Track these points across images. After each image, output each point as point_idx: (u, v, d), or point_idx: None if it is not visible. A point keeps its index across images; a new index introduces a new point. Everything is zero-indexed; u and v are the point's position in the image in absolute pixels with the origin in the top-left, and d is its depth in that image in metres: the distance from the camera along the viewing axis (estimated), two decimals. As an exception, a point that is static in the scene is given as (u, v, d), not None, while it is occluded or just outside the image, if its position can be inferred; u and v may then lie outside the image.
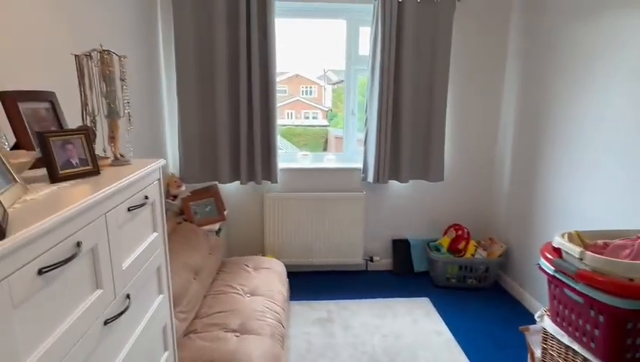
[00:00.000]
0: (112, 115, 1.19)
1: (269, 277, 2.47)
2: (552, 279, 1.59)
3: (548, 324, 1.70)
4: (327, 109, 5.51)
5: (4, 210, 0.69)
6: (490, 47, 3.05)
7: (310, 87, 5.87)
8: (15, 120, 1.11)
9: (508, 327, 2.55)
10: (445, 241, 3.16)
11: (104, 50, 1.15)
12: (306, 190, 3.17)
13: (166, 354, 1.42)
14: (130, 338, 1.11)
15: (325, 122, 5.44)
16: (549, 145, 2.57)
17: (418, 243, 3.29)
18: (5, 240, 0.61)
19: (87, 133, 1.07)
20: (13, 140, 1.15)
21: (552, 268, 1.56)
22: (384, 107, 2.90)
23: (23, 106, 1.15)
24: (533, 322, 1.95)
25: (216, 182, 3.01)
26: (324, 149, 4.72)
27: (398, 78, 2.91)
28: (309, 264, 3.25)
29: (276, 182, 3.02)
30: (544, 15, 2.61)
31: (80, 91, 1.16)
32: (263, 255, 3.14)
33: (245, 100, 2.82)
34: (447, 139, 3.12)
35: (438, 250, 3.16)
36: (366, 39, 3.02)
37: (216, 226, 2.81)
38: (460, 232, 3.15)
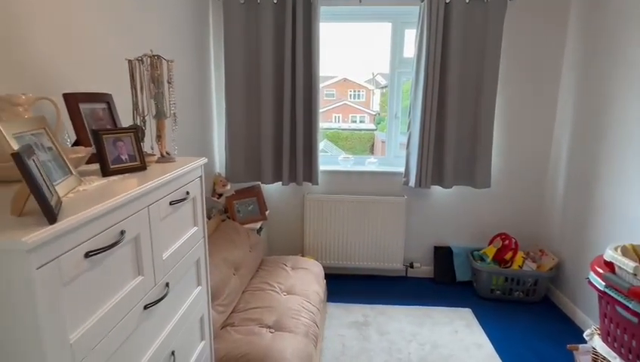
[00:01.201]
0: (160, 115, 1.28)
1: (306, 278, 2.50)
2: (602, 295, 1.48)
3: (598, 344, 1.58)
4: (374, 113, 5.49)
5: (59, 198, 0.77)
6: (545, 47, 2.89)
7: (358, 91, 5.87)
8: (76, 119, 1.23)
9: (556, 345, 2.39)
10: (491, 251, 3.03)
11: (154, 55, 1.24)
12: (346, 193, 3.18)
13: (202, 343, 1.49)
14: (168, 325, 1.19)
15: (372, 126, 5.42)
16: (608, 151, 2.39)
17: (461, 252, 3.18)
18: (56, 224, 0.69)
19: (135, 132, 1.16)
20: (74, 137, 1.27)
21: (603, 283, 1.46)
22: (428, 110, 2.84)
23: (83, 107, 1.26)
24: (584, 341, 1.82)
25: (259, 183, 3.10)
26: (371, 153, 4.71)
27: (443, 81, 2.85)
28: (348, 267, 3.25)
29: (317, 183, 3.05)
30: (607, 12, 2.44)
31: (132, 93, 1.26)
32: (302, 255, 3.19)
33: (289, 103, 2.89)
34: (495, 143, 3.00)
35: (482, 259, 3.04)
36: (411, 41, 2.98)
37: (258, 225, 2.90)
38: (506, 242, 3.00)
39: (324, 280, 2.71)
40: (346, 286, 3.11)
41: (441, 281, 3.21)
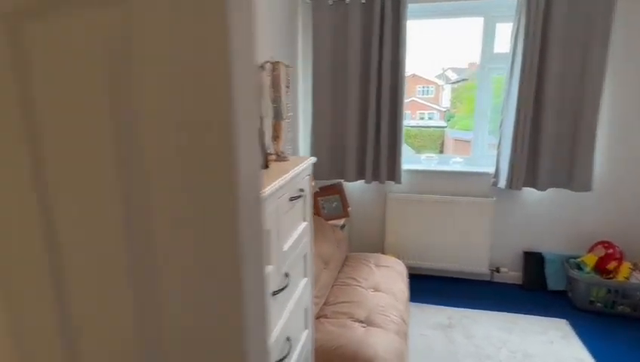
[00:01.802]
0: (278, 117, 1.38)
1: (391, 275, 2.52)
2: None
3: None
4: (444, 110, 5.30)
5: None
6: (663, 37, 2.60)
7: (427, 87, 5.71)
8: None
9: (673, 368, 2.16)
10: (590, 259, 2.80)
11: (275, 61, 1.33)
12: (429, 192, 3.13)
13: (306, 331, 1.58)
14: (285, 312, 1.28)
15: (442, 123, 5.24)
16: None
17: (555, 259, 2.98)
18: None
19: (260, 133, 1.26)
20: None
21: None
22: (523, 108, 2.70)
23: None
24: None
25: (342, 180, 3.17)
26: (441, 151, 4.56)
27: (540, 77, 2.68)
28: (429, 268, 3.20)
29: (400, 182, 3.04)
30: None
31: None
32: (383, 253, 3.20)
33: (374, 102, 2.91)
34: (598, 143, 2.76)
35: (580, 268, 2.82)
36: (503, 36, 2.85)
37: (341, 222, 2.97)
38: (610, 251, 2.75)
39: (408, 279, 2.70)
40: (427, 287, 3.07)
41: (530, 288, 3.03)
